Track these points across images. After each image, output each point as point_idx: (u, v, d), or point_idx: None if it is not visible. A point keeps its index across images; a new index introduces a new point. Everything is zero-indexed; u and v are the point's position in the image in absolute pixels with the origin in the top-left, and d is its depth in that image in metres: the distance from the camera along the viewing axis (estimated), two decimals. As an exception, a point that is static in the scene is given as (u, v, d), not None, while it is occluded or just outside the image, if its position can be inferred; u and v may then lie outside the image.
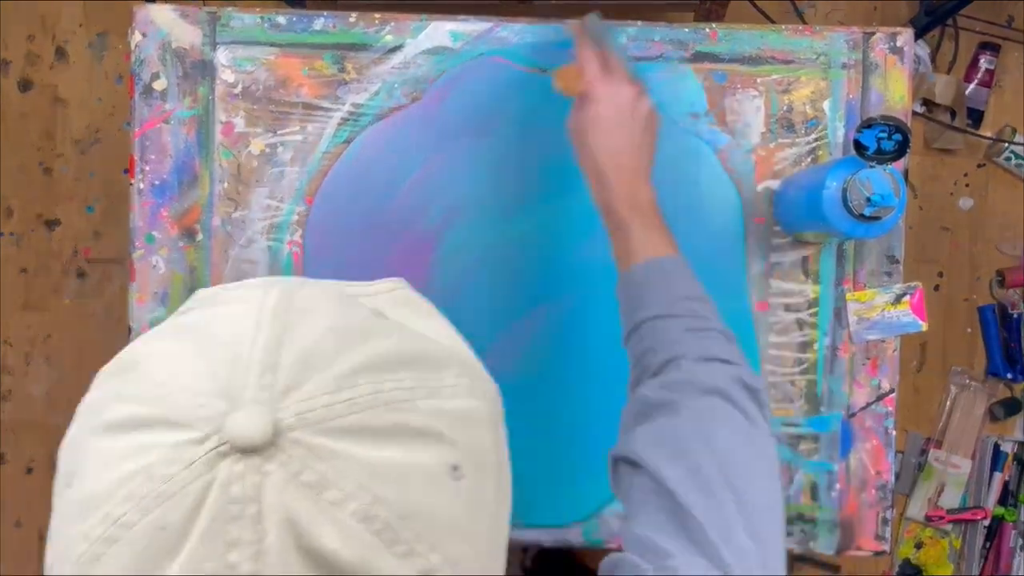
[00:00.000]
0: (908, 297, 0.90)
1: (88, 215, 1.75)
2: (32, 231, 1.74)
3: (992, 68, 1.75)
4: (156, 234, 0.90)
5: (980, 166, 1.77)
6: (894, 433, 0.91)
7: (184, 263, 0.90)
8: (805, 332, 0.91)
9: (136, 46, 0.90)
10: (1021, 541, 1.72)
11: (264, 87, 0.90)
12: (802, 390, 0.91)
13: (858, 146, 0.74)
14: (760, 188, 0.91)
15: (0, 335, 1.73)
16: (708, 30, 0.90)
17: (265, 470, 0.32)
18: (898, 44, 0.91)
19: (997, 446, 1.73)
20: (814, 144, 0.91)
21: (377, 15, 0.90)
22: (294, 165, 0.90)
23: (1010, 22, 1.77)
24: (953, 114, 1.70)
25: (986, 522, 1.72)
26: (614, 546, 0.91)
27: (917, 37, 1.70)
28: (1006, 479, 1.73)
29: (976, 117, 1.76)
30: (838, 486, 0.91)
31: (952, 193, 1.77)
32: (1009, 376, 1.73)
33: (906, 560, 1.73)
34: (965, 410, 1.73)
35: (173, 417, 0.34)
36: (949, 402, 1.74)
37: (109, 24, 1.75)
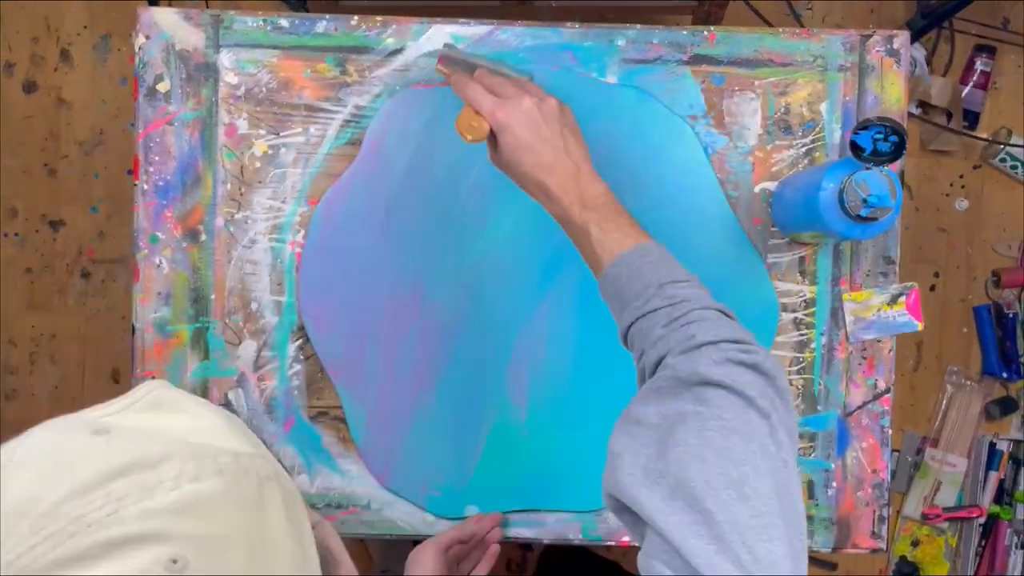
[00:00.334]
0: (904, 297, 0.91)
1: (92, 216, 1.75)
2: (37, 232, 1.75)
3: (988, 70, 1.76)
4: (160, 235, 0.91)
5: (976, 168, 1.78)
6: (890, 432, 0.92)
7: (188, 263, 0.91)
8: (802, 332, 0.92)
9: (140, 48, 0.90)
10: (1016, 539, 1.73)
11: (267, 89, 0.91)
12: (799, 389, 0.92)
13: (854, 148, 0.75)
14: (757, 189, 0.92)
15: (5, 335, 1.74)
16: (706, 33, 0.91)
17: None
18: (894, 46, 0.92)
19: (993, 445, 1.74)
20: (811, 146, 0.92)
21: (379, 18, 0.91)
22: (296, 167, 0.91)
23: (1006, 24, 1.78)
24: (949, 116, 1.71)
25: (982, 520, 1.73)
26: (614, 544, 0.92)
27: (913, 39, 1.71)
28: (1001, 477, 1.73)
29: (972, 119, 1.77)
30: (835, 484, 0.92)
31: (948, 194, 1.78)
32: (1004, 376, 1.74)
33: (902, 558, 1.74)
34: (961, 409, 1.74)
35: None
36: (945, 401, 1.75)
37: (113, 26, 1.76)
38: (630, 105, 0.90)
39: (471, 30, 0.91)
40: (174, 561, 0.35)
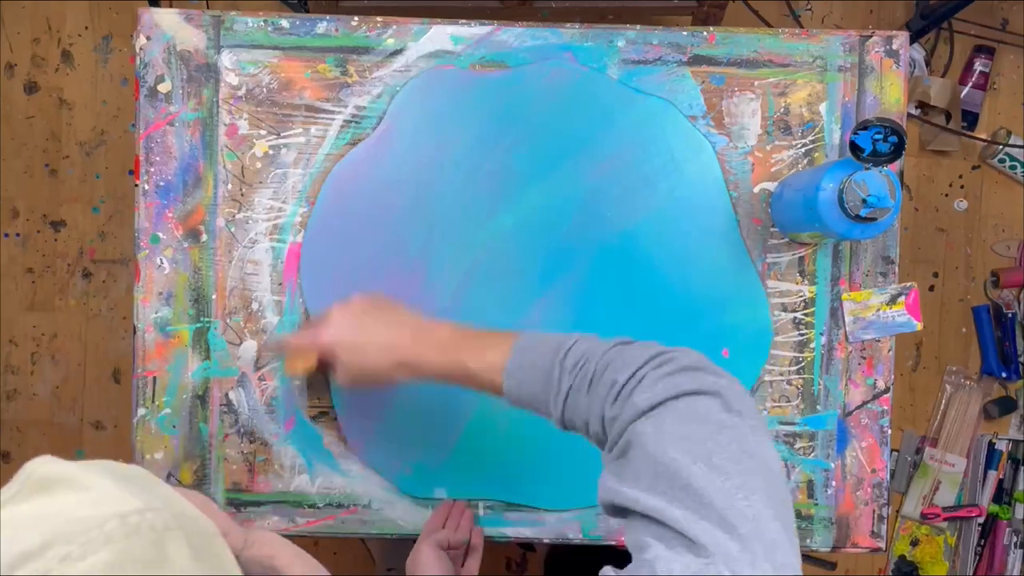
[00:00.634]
0: (903, 297, 0.92)
1: (93, 216, 1.76)
2: (38, 232, 1.76)
3: (987, 71, 1.77)
4: (161, 235, 0.91)
5: (975, 168, 1.79)
6: (889, 431, 0.92)
7: (189, 263, 0.91)
8: (802, 332, 0.92)
9: (141, 49, 0.91)
10: (1015, 539, 1.73)
11: (267, 90, 0.91)
12: (799, 389, 0.92)
13: (854, 148, 0.75)
14: (757, 189, 0.92)
15: (6, 335, 1.75)
16: (706, 34, 0.92)
17: None
18: (894, 47, 0.92)
19: (992, 444, 1.74)
20: (810, 146, 0.92)
21: (379, 19, 0.91)
22: (297, 167, 0.91)
23: (1004, 25, 1.79)
24: (948, 116, 1.71)
25: (981, 519, 1.73)
26: (614, 544, 0.92)
27: (913, 40, 1.71)
28: (1000, 477, 1.74)
29: (971, 119, 1.77)
30: (834, 484, 0.92)
31: (947, 195, 1.79)
32: (1003, 375, 1.74)
33: (901, 557, 1.74)
34: (960, 409, 1.74)
35: None
36: (944, 401, 1.75)
37: (114, 27, 1.76)
38: (655, 113, 0.91)
39: (471, 30, 0.91)
40: None
